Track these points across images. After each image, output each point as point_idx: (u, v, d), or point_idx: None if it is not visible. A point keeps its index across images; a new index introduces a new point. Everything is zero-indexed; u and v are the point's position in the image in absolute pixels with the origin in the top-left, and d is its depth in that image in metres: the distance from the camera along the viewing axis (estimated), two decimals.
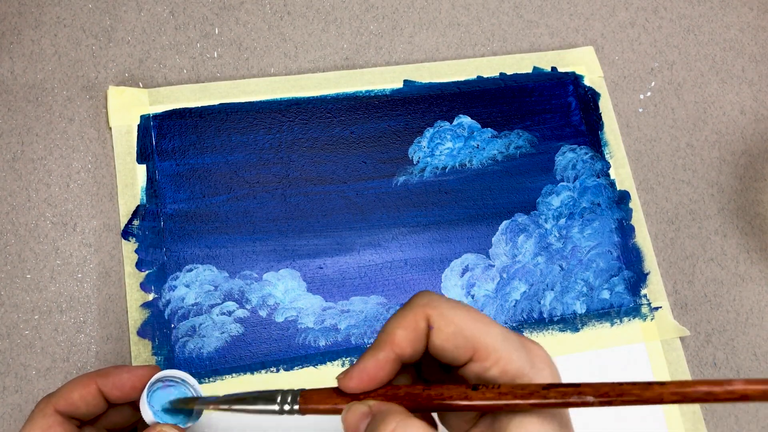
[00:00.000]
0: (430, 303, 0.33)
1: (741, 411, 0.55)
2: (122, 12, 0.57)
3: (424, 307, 0.33)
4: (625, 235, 0.57)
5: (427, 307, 0.33)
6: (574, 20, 0.64)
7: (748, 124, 0.63)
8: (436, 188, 0.56)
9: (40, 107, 0.54)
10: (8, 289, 0.50)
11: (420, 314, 0.33)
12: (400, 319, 0.33)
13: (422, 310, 0.33)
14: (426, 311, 0.33)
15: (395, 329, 0.33)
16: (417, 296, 0.34)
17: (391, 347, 0.33)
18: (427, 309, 0.33)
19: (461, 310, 0.33)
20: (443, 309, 0.33)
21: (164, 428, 0.38)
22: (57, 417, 0.38)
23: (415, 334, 0.33)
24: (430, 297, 0.34)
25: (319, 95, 0.57)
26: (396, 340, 0.33)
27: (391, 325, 0.33)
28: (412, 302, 0.34)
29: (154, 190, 0.52)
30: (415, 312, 0.33)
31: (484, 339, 0.32)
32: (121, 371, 0.39)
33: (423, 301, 0.33)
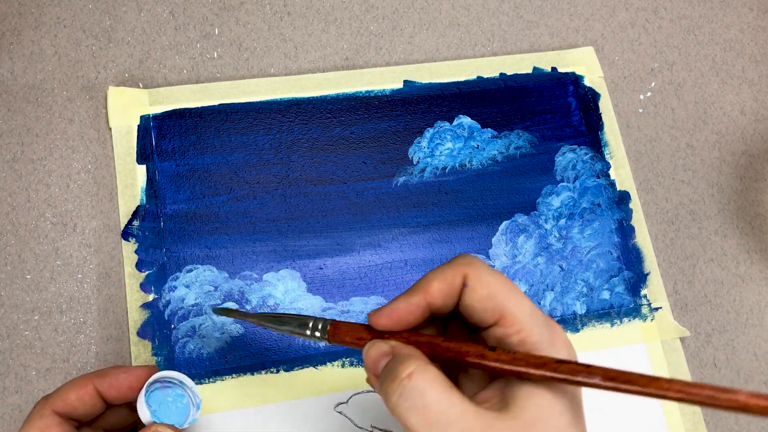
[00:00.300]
0: (471, 263, 0.34)
1: None
2: (122, 12, 0.57)
3: (464, 266, 0.34)
4: (625, 236, 0.57)
5: (467, 267, 0.34)
6: (574, 20, 0.64)
7: (748, 124, 0.63)
8: (436, 189, 0.56)
9: (40, 107, 0.54)
10: (8, 289, 0.50)
11: (459, 271, 0.34)
12: (438, 272, 0.35)
13: (461, 269, 0.34)
14: (465, 270, 0.34)
15: (432, 280, 0.35)
16: (459, 256, 0.35)
17: (424, 295, 0.35)
18: (467, 268, 0.34)
19: (498, 277, 0.34)
20: (481, 272, 0.34)
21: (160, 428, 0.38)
22: (54, 418, 0.38)
23: (450, 288, 0.34)
24: (472, 258, 0.35)
25: (319, 95, 0.57)
26: (431, 289, 0.35)
27: (430, 276, 0.35)
28: (453, 260, 0.35)
29: (154, 191, 0.52)
30: (454, 268, 0.34)
31: (512, 308, 0.33)
32: (119, 372, 0.39)
33: (464, 261, 0.35)
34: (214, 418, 0.48)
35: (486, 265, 0.35)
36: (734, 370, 0.56)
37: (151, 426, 0.38)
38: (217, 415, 0.48)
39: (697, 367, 0.55)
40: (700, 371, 0.55)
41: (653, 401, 0.53)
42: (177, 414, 0.40)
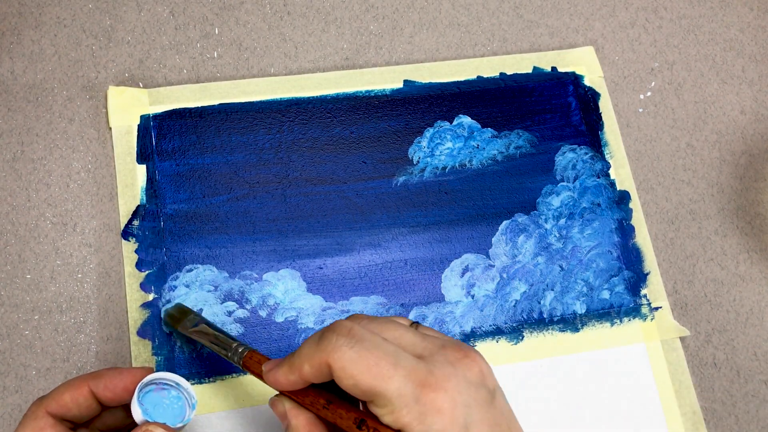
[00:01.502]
0: (336, 348, 0.35)
1: (741, 411, 0.55)
2: (122, 12, 0.57)
3: (329, 352, 0.35)
4: (625, 235, 0.57)
5: (332, 354, 0.35)
6: (574, 20, 0.64)
7: (748, 124, 0.63)
8: (436, 188, 0.56)
9: (40, 107, 0.54)
10: (8, 289, 0.50)
11: (324, 359, 0.36)
12: (309, 354, 0.36)
13: (326, 356, 0.35)
14: (329, 358, 0.35)
15: (304, 362, 0.37)
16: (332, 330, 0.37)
17: (299, 374, 0.37)
18: (332, 355, 0.35)
19: (362, 358, 0.35)
20: (344, 361, 0.35)
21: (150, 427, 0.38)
22: (48, 419, 0.38)
23: (320, 373, 0.36)
24: (337, 340, 0.36)
25: (319, 95, 0.57)
26: (303, 372, 0.37)
27: (302, 356, 0.37)
28: (323, 339, 0.36)
29: (154, 191, 0.52)
30: (320, 355, 0.36)
31: (381, 392, 0.34)
32: (113, 373, 0.39)
33: (331, 343, 0.36)
34: (214, 418, 0.48)
35: (350, 349, 0.35)
36: (734, 369, 0.56)
37: (143, 425, 0.38)
38: (216, 414, 0.48)
39: (697, 366, 0.55)
40: (700, 371, 0.55)
41: (653, 401, 0.53)
42: (171, 414, 0.39)
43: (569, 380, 0.53)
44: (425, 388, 0.35)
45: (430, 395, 0.34)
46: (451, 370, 0.36)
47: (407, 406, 0.34)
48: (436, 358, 0.36)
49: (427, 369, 0.35)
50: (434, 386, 0.35)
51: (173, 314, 0.49)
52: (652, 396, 0.53)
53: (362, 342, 0.36)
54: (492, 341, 0.53)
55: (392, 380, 0.34)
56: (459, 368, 0.36)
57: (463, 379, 0.36)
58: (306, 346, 0.37)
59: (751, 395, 0.56)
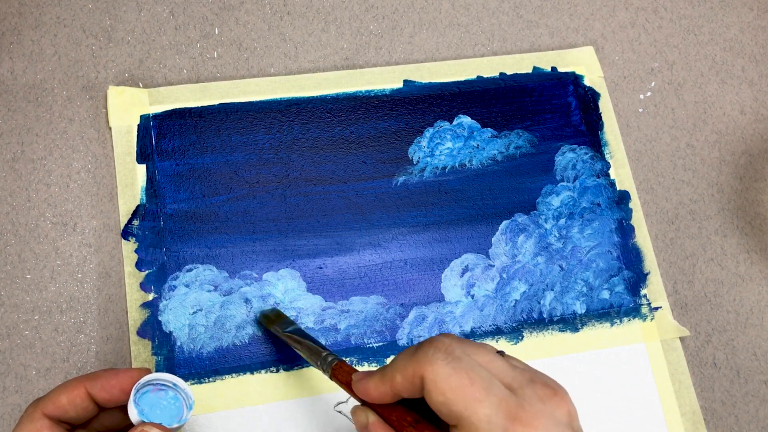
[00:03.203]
0: (432, 362, 0.35)
1: (741, 411, 0.55)
2: (122, 12, 0.57)
3: (424, 364, 0.35)
4: (625, 235, 0.57)
5: (425, 366, 0.35)
6: (574, 20, 0.64)
7: (748, 124, 0.63)
8: (436, 188, 0.56)
9: (40, 107, 0.54)
10: (8, 289, 0.50)
11: (418, 371, 0.35)
12: (403, 364, 0.36)
13: (421, 369, 0.35)
14: (422, 371, 0.35)
15: (396, 373, 0.36)
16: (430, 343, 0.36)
17: (390, 386, 0.37)
18: (426, 368, 0.35)
19: (457, 376, 0.34)
20: (437, 375, 0.35)
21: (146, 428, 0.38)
22: (45, 421, 0.38)
23: (412, 386, 0.36)
24: (434, 354, 0.35)
25: (319, 95, 0.57)
26: (395, 383, 0.36)
27: (395, 367, 0.36)
28: (420, 351, 0.36)
29: (154, 190, 0.53)
30: (415, 367, 0.35)
31: (468, 416, 0.34)
32: (110, 374, 0.39)
33: (426, 358, 0.35)
34: (214, 418, 0.48)
35: (450, 360, 0.35)
36: (734, 369, 0.56)
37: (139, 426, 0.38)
38: (216, 414, 0.48)
39: (696, 366, 0.55)
40: (700, 371, 0.55)
41: (653, 401, 0.53)
42: (168, 415, 0.39)
43: (569, 380, 0.53)
44: (515, 422, 0.34)
45: (519, 430, 0.34)
46: (541, 407, 0.35)
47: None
48: (526, 391, 0.35)
49: (518, 402, 0.34)
50: (524, 421, 0.34)
51: (269, 315, 0.50)
52: (652, 396, 0.53)
53: (459, 360, 0.35)
54: (492, 341, 0.53)
55: (483, 405, 0.34)
56: (549, 406, 0.35)
57: (552, 418, 0.35)
58: (400, 357, 0.37)
59: (751, 395, 0.56)
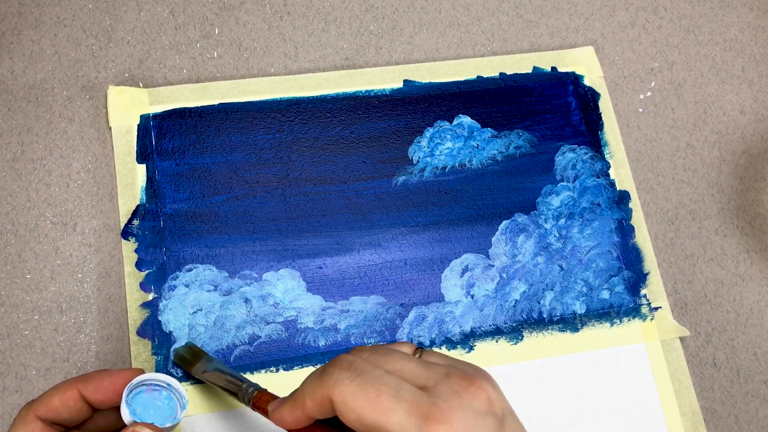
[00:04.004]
0: (337, 383, 0.35)
1: (741, 411, 0.55)
2: (122, 12, 0.57)
3: (330, 386, 0.35)
4: (624, 235, 0.57)
5: (333, 388, 0.35)
6: (574, 20, 0.64)
7: (748, 124, 0.63)
8: (436, 188, 0.56)
9: (40, 107, 0.54)
10: (8, 289, 0.50)
11: (326, 393, 0.35)
12: (311, 389, 0.36)
13: (328, 391, 0.35)
14: (330, 393, 0.35)
15: (305, 398, 0.37)
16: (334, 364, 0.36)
17: (302, 410, 0.37)
18: (333, 390, 0.35)
19: (363, 392, 0.35)
20: (345, 395, 0.35)
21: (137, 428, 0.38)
22: (38, 423, 0.38)
23: (322, 408, 0.36)
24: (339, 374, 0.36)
25: (319, 95, 0.57)
26: (306, 407, 0.37)
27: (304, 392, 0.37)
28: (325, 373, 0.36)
29: (153, 190, 0.53)
30: (322, 390, 0.36)
31: (383, 426, 0.34)
32: (102, 375, 0.39)
33: (332, 377, 0.36)
34: (213, 418, 0.48)
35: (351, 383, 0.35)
36: (734, 369, 0.56)
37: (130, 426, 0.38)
38: (215, 414, 0.48)
39: (697, 366, 0.55)
40: (700, 371, 0.55)
41: (653, 402, 0.53)
42: (161, 415, 0.39)
43: (569, 380, 0.53)
44: (429, 422, 0.33)
45: (434, 428, 0.33)
46: (457, 400, 0.35)
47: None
48: (440, 388, 0.35)
49: (430, 401, 0.34)
50: (438, 419, 0.34)
51: (184, 356, 0.49)
52: (652, 396, 0.53)
53: (363, 375, 0.35)
54: (491, 341, 0.53)
55: (394, 413, 0.34)
56: (465, 398, 0.35)
57: (469, 409, 0.34)
58: (308, 381, 0.37)
59: (751, 395, 0.56)
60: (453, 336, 0.53)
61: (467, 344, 0.52)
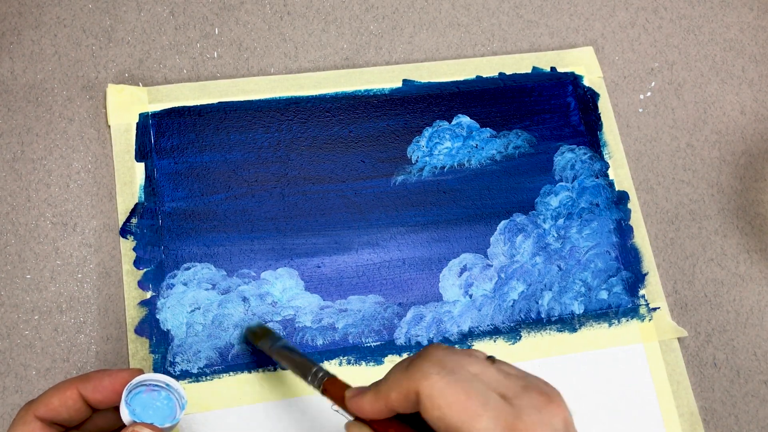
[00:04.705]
0: (426, 377, 0.35)
1: (741, 411, 0.55)
2: (122, 12, 0.58)
3: (419, 379, 0.35)
4: (623, 236, 0.57)
5: (421, 381, 0.35)
6: (574, 20, 0.64)
7: (748, 124, 0.63)
8: (435, 188, 0.56)
9: (40, 107, 0.54)
10: (8, 289, 0.50)
11: (413, 387, 0.35)
12: (397, 380, 0.36)
13: (415, 384, 0.35)
14: (418, 386, 0.35)
15: (390, 390, 0.36)
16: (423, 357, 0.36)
17: (385, 402, 0.36)
18: (421, 383, 0.34)
19: (453, 390, 0.34)
20: (434, 390, 0.34)
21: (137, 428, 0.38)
22: (37, 423, 0.38)
23: (407, 401, 0.35)
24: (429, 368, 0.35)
25: (318, 94, 0.57)
26: (390, 399, 0.36)
27: (389, 383, 0.36)
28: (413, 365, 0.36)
29: (152, 188, 0.53)
30: (409, 383, 0.35)
31: (467, 430, 0.33)
32: (102, 375, 0.39)
33: (420, 373, 0.35)
34: (212, 416, 0.48)
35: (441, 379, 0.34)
36: (734, 369, 0.56)
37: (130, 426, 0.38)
38: (214, 412, 0.48)
39: (697, 367, 0.55)
40: (700, 371, 0.55)
41: (651, 402, 0.53)
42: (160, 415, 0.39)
43: (567, 380, 0.53)
44: None
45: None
46: (538, 417, 0.34)
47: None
48: (522, 401, 0.35)
49: (515, 413, 0.34)
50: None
51: (256, 332, 0.49)
52: (650, 396, 0.53)
53: (453, 373, 0.35)
54: (489, 341, 0.53)
55: (481, 419, 0.33)
56: (546, 415, 0.34)
57: (549, 427, 0.34)
58: (394, 372, 0.36)
59: (751, 395, 0.55)
60: (451, 336, 0.53)
61: (465, 344, 0.52)
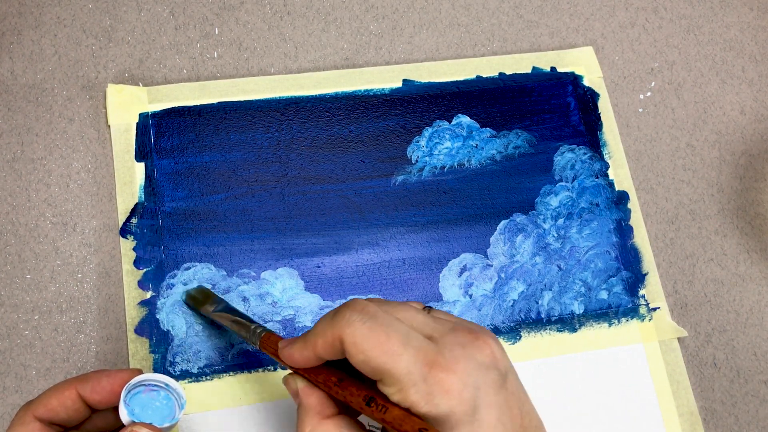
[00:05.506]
0: (349, 324, 0.36)
1: (741, 411, 0.55)
2: (122, 12, 0.58)
3: (342, 326, 0.36)
4: (623, 236, 0.57)
5: (343, 329, 0.36)
6: (574, 20, 0.64)
7: (748, 124, 0.63)
8: (435, 188, 0.56)
9: (40, 107, 0.54)
10: (8, 289, 0.50)
11: (337, 333, 0.36)
12: (323, 328, 0.37)
13: (339, 331, 0.36)
14: (341, 333, 0.36)
15: (317, 338, 0.37)
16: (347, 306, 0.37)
17: (313, 350, 0.38)
18: (344, 330, 0.36)
19: (373, 335, 0.35)
20: (356, 336, 0.35)
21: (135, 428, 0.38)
22: (36, 424, 0.38)
23: (333, 348, 0.37)
24: (350, 317, 0.36)
25: (318, 94, 0.57)
26: (317, 347, 0.37)
27: (316, 332, 0.38)
28: (338, 314, 0.37)
29: (152, 188, 0.53)
30: (333, 330, 0.36)
31: (390, 369, 0.35)
32: (100, 376, 0.39)
33: (344, 318, 0.36)
34: (211, 416, 0.48)
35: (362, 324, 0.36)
36: (734, 369, 0.56)
37: (129, 426, 0.38)
38: (214, 412, 0.48)
39: (696, 367, 0.55)
40: (700, 371, 0.55)
41: (650, 402, 0.53)
42: (159, 415, 0.39)
43: (567, 380, 0.53)
44: (434, 368, 0.35)
45: (438, 375, 0.34)
46: (461, 351, 0.36)
47: (415, 385, 0.34)
48: (446, 339, 0.36)
49: (436, 349, 0.35)
50: (443, 367, 0.35)
51: (195, 296, 0.50)
52: (650, 396, 0.53)
53: (375, 319, 0.36)
54: None
55: (401, 358, 0.35)
56: (469, 350, 0.36)
57: (473, 360, 0.36)
58: (321, 322, 0.38)
59: (751, 395, 0.55)
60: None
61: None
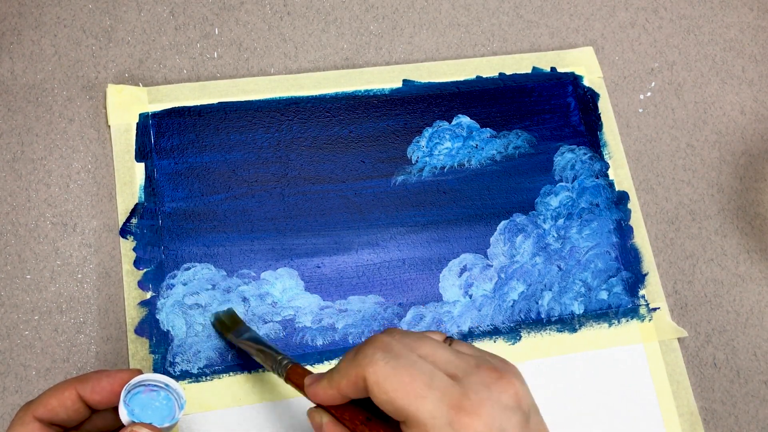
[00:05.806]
0: (372, 363, 0.36)
1: (741, 411, 0.55)
2: (122, 12, 0.58)
3: (365, 366, 0.36)
4: (623, 236, 0.57)
5: (367, 368, 0.35)
6: (574, 20, 0.64)
7: (748, 124, 0.63)
8: (435, 188, 0.56)
9: (40, 107, 0.54)
10: (8, 289, 0.50)
11: (360, 373, 0.36)
12: (346, 368, 0.37)
13: (362, 371, 0.36)
14: (365, 372, 0.35)
15: (341, 379, 0.37)
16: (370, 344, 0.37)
17: (338, 389, 0.37)
18: (367, 370, 0.35)
19: (397, 374, 0.35)
20: (379, 376, 0.35)
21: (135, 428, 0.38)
22: (36, 424, 0.38)
23: (356, 387, 0.36)
24: (374, 354, 0.36)
25: (318, 94, 0.57)
26: (341, 386, 0.37)
27: (339, 371, 0.37)
28: (360, 353, 0.36)
29: (152, 189, 0.53)
30: (357, 370, 0.36)
31: (414, 412, 0.34)
32: (100, 376, 0.39)
33: (366, 360, 0.36)
34: (211, 416, 0.48)
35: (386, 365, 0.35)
36: (734, 370, 0.56)
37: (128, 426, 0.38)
38: (214, 412, 0.48)
39: (697, 367, 0.55)
40: (700, 371, 0.55)
41: (650, 402, 0.53)
42: (159, 415, 0.39)
43: (567, 381, 0.53)
44: (459, 412, 0.34)
45: (463, 420, 0.34)
46: (486, 393, 0.35)
47: (440, 429, 0.34)
48: (471, 379, 0.36)
49: (461, 391, 0.35)
50: (468, 410, 0.34)
51: (224, 321, 0.50)
52: (650, 397, 0.53)
53: (398, 358, 0.35)
54: (489, 341, 0.53)
55: (426, 401, 0.34)
56: (494, 391, 0.35)
57: (497, 403, 0.35)
58: (344, 359, 0.37)
59: (751, 395, 0.55)
60: (451, 336, 0.52)
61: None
